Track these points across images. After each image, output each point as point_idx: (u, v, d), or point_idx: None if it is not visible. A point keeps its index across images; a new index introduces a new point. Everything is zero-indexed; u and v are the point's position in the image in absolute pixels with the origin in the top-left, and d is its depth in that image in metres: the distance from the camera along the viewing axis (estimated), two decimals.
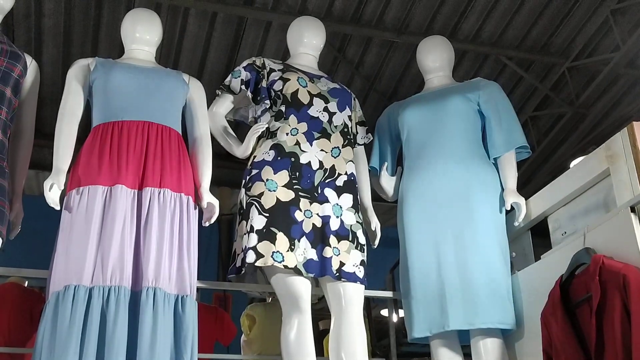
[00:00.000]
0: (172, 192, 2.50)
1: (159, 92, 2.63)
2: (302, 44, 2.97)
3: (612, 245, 2.22)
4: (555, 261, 2.47)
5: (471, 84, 3.04)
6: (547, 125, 5.76)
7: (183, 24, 4.72)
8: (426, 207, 2.82)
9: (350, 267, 2.58)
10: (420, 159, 2.90)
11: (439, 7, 4.71)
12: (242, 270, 2.55)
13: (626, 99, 5.59)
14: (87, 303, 2.26)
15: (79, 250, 2.33)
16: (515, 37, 5.00)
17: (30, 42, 4.71)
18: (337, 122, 2.79)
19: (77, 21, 4.69)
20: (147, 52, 2.79)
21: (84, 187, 2.43)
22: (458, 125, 2.89)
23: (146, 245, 2.39)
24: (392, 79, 5.35)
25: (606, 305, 2.11)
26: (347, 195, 2.70)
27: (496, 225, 2.77)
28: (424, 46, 3.15)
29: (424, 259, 2.75)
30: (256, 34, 4.85)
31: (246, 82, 2.81)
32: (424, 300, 2.71)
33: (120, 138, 2.51)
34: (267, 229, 2.51)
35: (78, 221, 2.37)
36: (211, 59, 5.05)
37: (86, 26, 4.73)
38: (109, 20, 4.67)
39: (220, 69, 5.07)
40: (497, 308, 2.62)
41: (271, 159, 2.65)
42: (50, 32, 4.75)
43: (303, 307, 2.49)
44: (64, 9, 4.58)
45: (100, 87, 2.60)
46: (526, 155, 3.00)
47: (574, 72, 5.20)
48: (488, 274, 2.66)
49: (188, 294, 2.42)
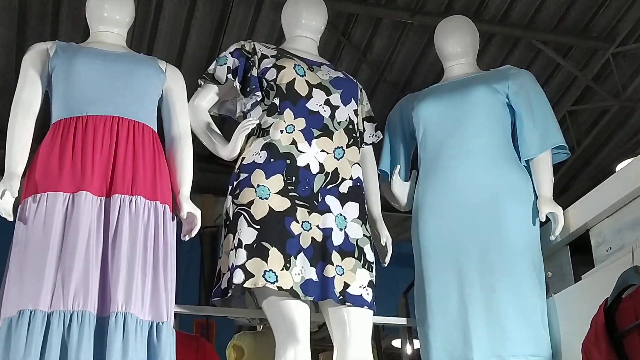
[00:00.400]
0: (146, 200, 2.50)
1: (130, 82, 2.63)
2: (299, 25, 2.98)
3: None
4: (599, 282, 2.48)
5: (499, 72, 3.04)
6: (589, 121, 5.77)
7: (159, 2, 4.74)
8: (446, 219, 2.82)
9: (357, 289, 2.58)
10: (438, 161, 2.91)
11: None
12: (228, 292, 2.55)
13: None
14: (45, 331, 2.25)
15: (35, 268, 2.32)
16: (550, 17, 5.01)
17: None
18: (341, 118, 2.79)
19: None
20: (116, 35, 2.79)
21: (42, 194, 2.43)
22: (483, 121, 2.90)
23: (115, 262, 2.38)
24: (405, 67, 5.35)
25: None
26: (352, 204, 2.70)
27: (529, 239, 2.77)
28: (443, 28, 3.15)
29: (444, 280, 2.75)
30: (245, 13, 4.86)
31: (233, 70, 2.81)
32: (443, 328, 2.71)
33: (85, 136, 2.51)
34: (258, 244, 2.51)
35: (35, 234, 2.37)
36: (192, 43, 5.06)
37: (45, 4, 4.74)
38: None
39: (203, 55, 5.07)
40: (529, 337, 2.62)
41: (263, 161, 2.65)
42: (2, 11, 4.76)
43: (300, 336, 2.48)
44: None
45: (61, 76, 2.60)
46: (564, 157, 3.00)
47: (619, 59, 5.21)
48: (519, 297, 2.66)
49: (164, 321, 2.42)
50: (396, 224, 5.80)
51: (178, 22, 4.90)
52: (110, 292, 2.36)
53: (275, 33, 4.84)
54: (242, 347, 4.06)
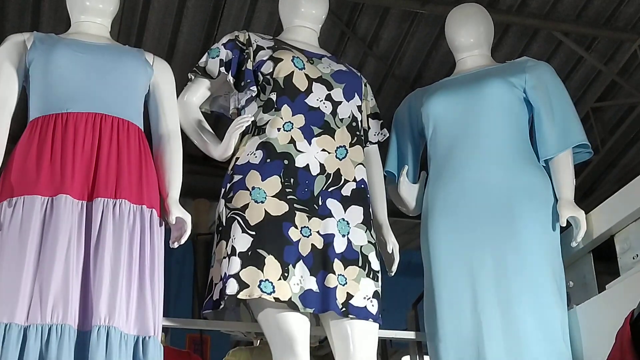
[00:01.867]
0: (131, 204, 2.50)
1: (114, 76, 2.63)
2: (298, 14, 2.98)
3: None
4: (624, 292, 2.48)
5: (515, 65, 3.04)
6: (615, 119, 5.75)
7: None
8: (458, 224, 2.81)
9: (361, 300, 2.57)
10: (449, 161, 2.91)
11: None
12: (220, 304, 2.54)
13: None
14: (22, 346, 2.25)
15: (10, 278, 2.32)
16: (572, 6, 5.00)
17: None
18: (344, 115, 2.79)
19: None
20: (99, 26, 2.79)
21: (18, 197, 2.43)
22: (499, 117, 2.89)
23: (97, 271, 2.38)
24: (415, 61, 5.35)
25: None
26: (356, 207, 2.70)
27: (548, 246, 2.76)
28: (455, 17, 3.15)
29: (456, 290, 2.75)
30: (241, 3, 4.86)
31: (227, 63, 2.82)
32: (455, 341, 2.70)
33: (65, 134, 2.51)
34: (254, 252, 2.50)
35: (10, 241, 2.37)
36: (184, 35, 5.06)
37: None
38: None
39: (196, 48, 5.07)
40: (549, 352, 2.62)
41: (258, 162, 2.65)
42: None
43: (300, 351, 2.48)
44: None
45: (39, 69, 2.60)
46: (587, 156, 3.00)
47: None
48: (538, 308, 2.65)
49: (151, 335, 2.41)
50: (405, 230, 5.79)
51: (169, 13, 4.90)
52: (92, 304, 2.35)
53: (273, 24, 4.83)
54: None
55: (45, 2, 4.77)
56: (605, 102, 5.56)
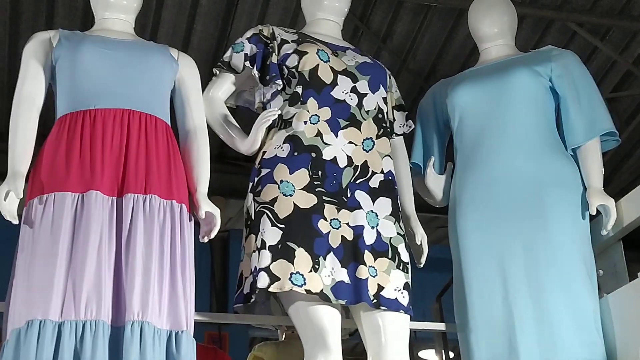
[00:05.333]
0: (161, 200, 2.50)
1: (141, 72, 2.64)
2: (321, 7, 2.98)
3: None
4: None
5: (540, 54, 3.04)
6: (631, 109, 5.73)
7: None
8: (487, 214, 2.81)
9: (391, 291, 2.57)
10: (477, 151, 2.90)
11: None
12: (251, 297, 2.55)
13: None
14: (57, 343, 2.25)
15: (44, 275, 2.32)
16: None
17: None
18: (370, 107, 2.79)
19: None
20: (124, 22, 2.80)
21: (49, 194, 2.43)
22: (526, 106, 2.89)
23: (129, 267, 2.38)
24: (429, 55, 5.33)
25: None
26: (384, 199, 2.70)
27: (578, 235, 2.76)
28: (478, 7, 3.15)
29: (486, 280, 2.75)
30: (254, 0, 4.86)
31: (251, 57, 2.82)
32: (486, 332, 2.70)
33: (94, 131, 2.51)
34: (284, 245, 2.50)
35: (42, 238, 2.37)
36: (198, 33, 5.05)
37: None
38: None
39: (209, 45, 5.07)
40: (582, 340, 2.61)
41: (286, 155, 2.65)
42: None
43: (331, 344, 2.47)
44: None
45: (66, 67, 2.60)
46: (614, 144, 3.00)
47: None
48: (569, 297, 2.65)
49: (184, 329, 2.41)
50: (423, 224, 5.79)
51: (182, 11, 4.90)
52: (125, 300, 2.35)
53: (287, 20, 4.83)
54: (263, 358, 4.07)
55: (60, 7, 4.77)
56: (620, 93, 5.54)
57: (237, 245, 2.78)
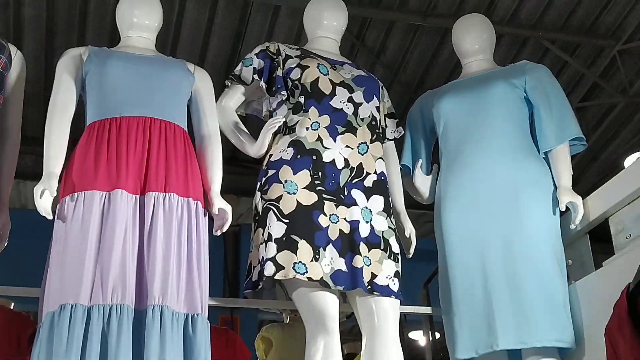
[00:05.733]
0: (179, 197, 2.49)
1: (161, 84, 2.63)
2: (321, 26, 2.97)
3: None
4: (619, 269, 2.45)
5: (516, 67, 3.02)
6: (597, 117, 5.73)
7: (180, 8, 4.74)
8: (468, 210, 2.79)
9: (384, 279, 2.56)
10: (459, 154, 2.88)
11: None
12: (259, 284, 2.54)
13: None
14: (86, 324, 2.25)
15: (75, 264, 2.32)
16: (558, 17, 4.99)
17: (8, 34, 4.74)
18: (364, 115, 2.78)
19: (61, 10, 4.72)
20: (146, 39, 2.80)
21: (79, 192, 2.42)
22: (503, 115, 2.87)
23: (151, 257, 2.37)
24: (418, 68, 5.34)
25: None
26: (377, 197, 2.69)
27: (549, 228, 2.74)
28: (461, 26, 3.14)
29: (468, 270, 2.73)
30: (262, 20, 4.87)
31: (259, 70, 2.81)
32: (468, 316, 2.68)
33: (119, 136, 2.50)
34: (288, 237, 2.50)
35: (73, 231, 2.37)
36: (213, 49, 5.06)
37: (71, 16, 4.75)
38: (96, 7, 4.69)
39: (223, 60, 5.09)
40: (553, 324, 2.59)
41: (290, 158, 2.64)
42: (31, 22, 4.78)
43: (331, 326, 2.47)
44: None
45: (95, 79, 2.60)
46: (581, 148, 2.98)
47: (626, 56, 5.17)
48: (542, 284, 2.63)
49: (199, 313, 2.40)
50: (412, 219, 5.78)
51: (199, 29, 4.91)
52: (147, 286, 2.35)
53: (292, 38, 4.84)
54: (270, 339, 4.07)
55: (90, 22, 4.78)
56: (587, 102, 5.55)
57: (247, 238, 2.77)
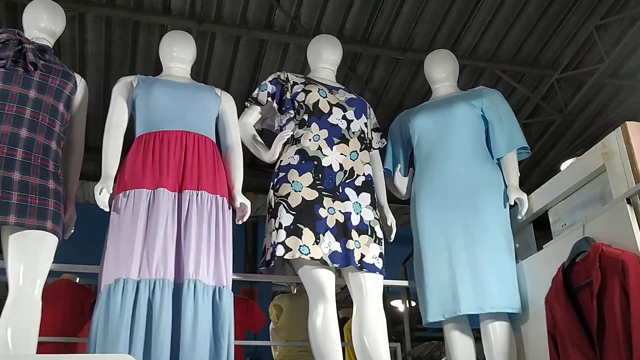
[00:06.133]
0: (209, 194, 2.49)
1: (195, 105, 2.62)
2: (321, 59, 2.96)
3: (609, 234, 2.19)
4: (557, 250, 2.44)
5: (474, 92, 3.00)
6: (539, 131, 5.73)
7: (210, 47, 4.75)
8: (437, 204, 2.77)
9: (370, 258, 2.55)
10: (430, 160, 2.87)
11: (439, 27, 4.71)
12: (271, 263, 2.53)
13: (610, 106, 5.56)
14: (135, 294, 2.26)
15: (127, 247, 2.32)
16: (508, 52, 4.99)
17: (75, 66, 4.75)
18: (355, 129, 2.77)
19: (116, 47, 4.73)
20: (183, 70, 2.79)
21: (130, 190, 2.43)
22: (464, 129, 2.86)
23: (186, 241, 2.37)
24: (398, 93, 5.35)
25: (606, 289, 2.09)
26: (365, 194, 2.68)
27: (501, 218, 2.72)
28: (432, 59, 3.12)
29: (436, 250, 2.71)
30: (275, 55, 4.87)
31: (272, 94, 2.80)
32: (437, 287, 2.67)
33: (162, 146, 2.50)
34: (295, 226, 2.49)
35: (125, 221, 2.37)
36: (235, 78, 5.07)
37: (124, 51, 4.76)
38: (144, 45, 4.70)
39: (244, 86, 5.09)
40: (504, 294, 2.58)
41: (296, 163, 2.63)
42: (93, 57, 4.79)
43: (328, 295, 2.46)
44: (105, 37, 4.63)
45: (142, 101, 2.60)
46: (526, 155, 2.96)
47: (562, 83, 5.18)
48: (495, 263, 2.62)
49: (224, 285, 2.40)
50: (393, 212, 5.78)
51: (224, 63, 4.92)
52: (183, 264, 2.35)
53: (298, 68, 4.84)
54: (281, 306, 4.05)
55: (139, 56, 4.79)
56: (532, 120, 5.55)
57: (263, 227, 2.76)
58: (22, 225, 2.18)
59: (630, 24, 4.61)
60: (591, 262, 2.15)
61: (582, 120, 5.52)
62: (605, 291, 2.08)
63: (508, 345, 2.55)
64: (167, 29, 4.43)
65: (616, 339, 2.01)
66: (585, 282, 2.18)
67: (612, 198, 2.32)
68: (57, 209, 2.30)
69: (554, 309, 2.27)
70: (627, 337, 1.98)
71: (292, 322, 3.91)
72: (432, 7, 4.54)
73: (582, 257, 2.23)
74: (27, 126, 2.29)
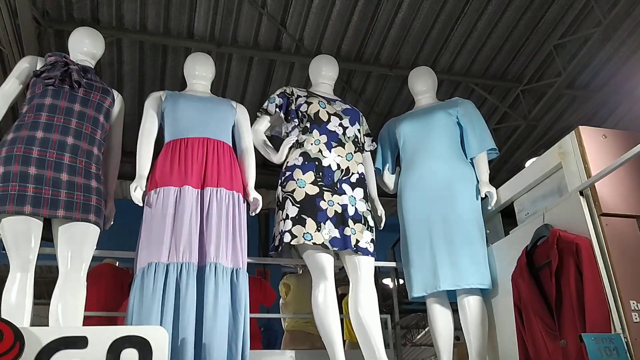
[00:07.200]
0: (227, 190, 2.50)
1: (214, 115, 2.63)
2: (321, 75, 2.96)
3: (565, 221, 2.20)
4: (521, 235, 2.45)
5: (451, 102, 3.00)
6: (506, 135, 5.71)
7: (227, 66, 4.75)
8: (420, 196, 2.77)
9: (364, 243, 2.56)
10: (413, 160, 2.86)
11: (421, 47, 4.70)
12: (279, 248, 2.54)
13: (567, 112, 5.54)
14: (165, 276, 2.27)
15: (157, 236, 2.33)
16: (480, 68, 4.98)
17: (113, 83, 4.75)
18: (350, 134, 2.77)
19: (148, 66, 4.73)
20: (204, 85, 2.79)
21: (160, 188, 2.44)
22: (442, 133, 2.85)
23: (208, 230, 2.38)
24: (387, 103, 5.33)
25: (563, 268, 2.10)
26: (359, 189, 2.68)
27: (474, 209, 2.73)
28: (415, 74, 3.12)
29: (419, 236, 2.71)
30: (283, 72, 4.86)
31: (279, 105, 2.80)
32: (420, 267, 2.67)
33: (186, 150, 2.51)
34: (299, 216, 2.49)
35: (156, 214, 2.39)
36: (249, 92, 5.06)
37: (155, 70, 4.76)
38: (172, 65, 4.70)
39: (257, 99, 5.07)
40: (477, 272, 2.59)
41: (300, 164, 2.63)
42: (128, 76, 4.79)
43: (328, 275, 2.48)
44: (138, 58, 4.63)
45: (170, 112, 2.61)
46: (495, 155, 2.95)
47: (526, 94, 5.16)
48: (469, 246, 2.62)
49: (241, 267, 2.41)
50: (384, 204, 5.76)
51: (240, 79, 4.91)
52: (205, 249, 2.36)
53: (302, 83, 4.82)
54: (289, 284, 4.06)
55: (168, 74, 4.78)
56: (500, 125, 5.52)
57: (273, 218, 2.76)
58: (70, 218, 2.20)
59: (584, 43, 4.61)
60: (550, 245, 2.17)
61: (543, 125, 5.50)
62: (562, 269, 2.10)
63: (480, 316, 2.56)
64: (190, 51, 4.43)
65: (571, 309, 2.03)
66: (545, 262, 2.19)
67: (568, 191, 2.32)
68: (98, 204, 2.31)
69: (519, 285, 2.27)
70: (581, 308, 2.00)
71: (298, 298, 3.92)
72: (415, 31, 4.53)
73: (542, 241, 2.25)
74: (72, 135, 2.31)
